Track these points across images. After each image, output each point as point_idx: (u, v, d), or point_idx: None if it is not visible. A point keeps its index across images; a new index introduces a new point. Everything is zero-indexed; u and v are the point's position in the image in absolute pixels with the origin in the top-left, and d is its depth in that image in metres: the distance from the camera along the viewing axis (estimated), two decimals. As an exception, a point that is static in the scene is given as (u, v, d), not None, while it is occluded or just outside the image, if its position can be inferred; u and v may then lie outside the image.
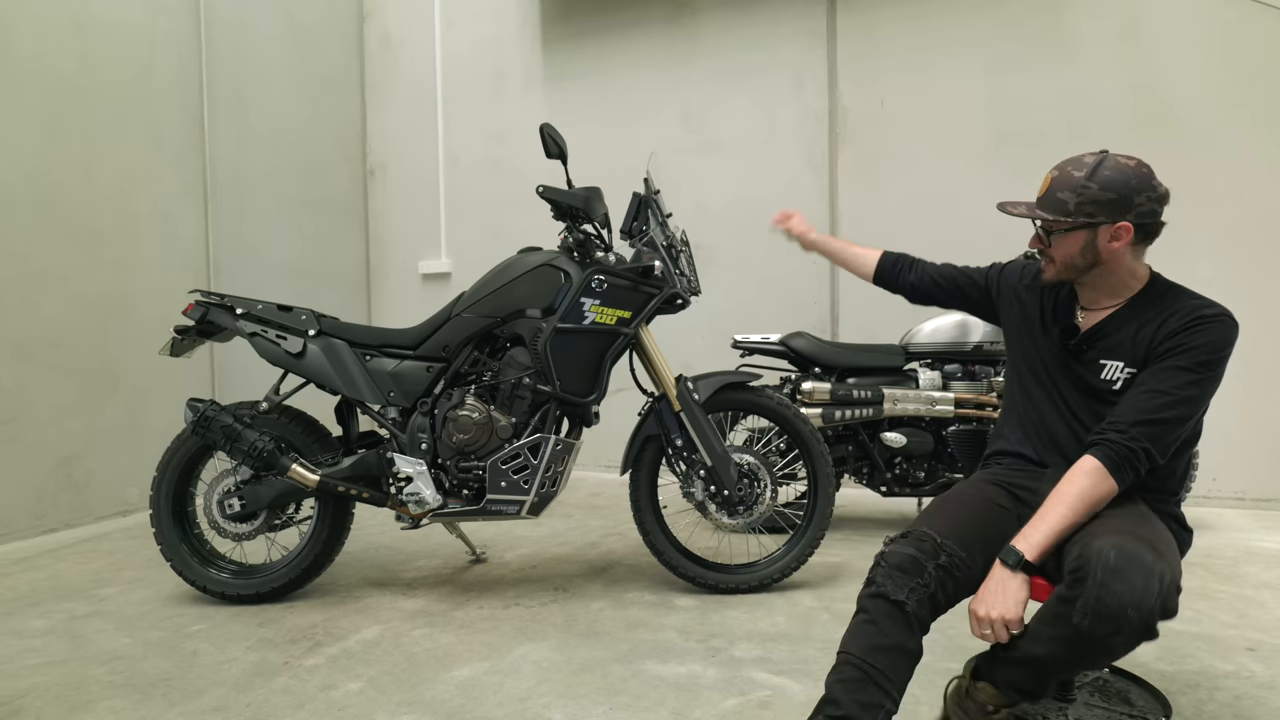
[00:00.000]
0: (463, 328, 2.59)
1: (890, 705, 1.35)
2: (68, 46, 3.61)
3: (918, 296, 1.95)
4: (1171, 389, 1.45)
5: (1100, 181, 1.50)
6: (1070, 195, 1.52)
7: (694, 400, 2.57)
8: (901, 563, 1.42)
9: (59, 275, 3.57)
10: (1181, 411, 1.44)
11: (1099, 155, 1.54)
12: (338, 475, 2.55)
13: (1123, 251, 1.53)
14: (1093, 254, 1.54)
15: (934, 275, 1.91)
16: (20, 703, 1.92)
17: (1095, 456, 1.44)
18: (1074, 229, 1.53)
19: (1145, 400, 1.46)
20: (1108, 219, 1.50)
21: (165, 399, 3.99)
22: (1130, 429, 1.44)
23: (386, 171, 5.39)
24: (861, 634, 1.39)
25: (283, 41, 4.75)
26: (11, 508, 3.38)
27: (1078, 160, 1.54)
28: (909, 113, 4.10)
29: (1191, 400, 1.45)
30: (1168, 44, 3.66)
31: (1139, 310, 1.56)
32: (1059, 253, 1.57)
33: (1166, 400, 1.44)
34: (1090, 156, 1.54)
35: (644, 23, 4.62)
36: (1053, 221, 1.55)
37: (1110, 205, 1.50)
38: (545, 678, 2.01)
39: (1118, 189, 1.49)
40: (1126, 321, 1.56)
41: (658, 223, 2.60)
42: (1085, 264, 1.56)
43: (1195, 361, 1.45)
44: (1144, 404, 1.45)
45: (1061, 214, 1.53)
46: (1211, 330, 1.46)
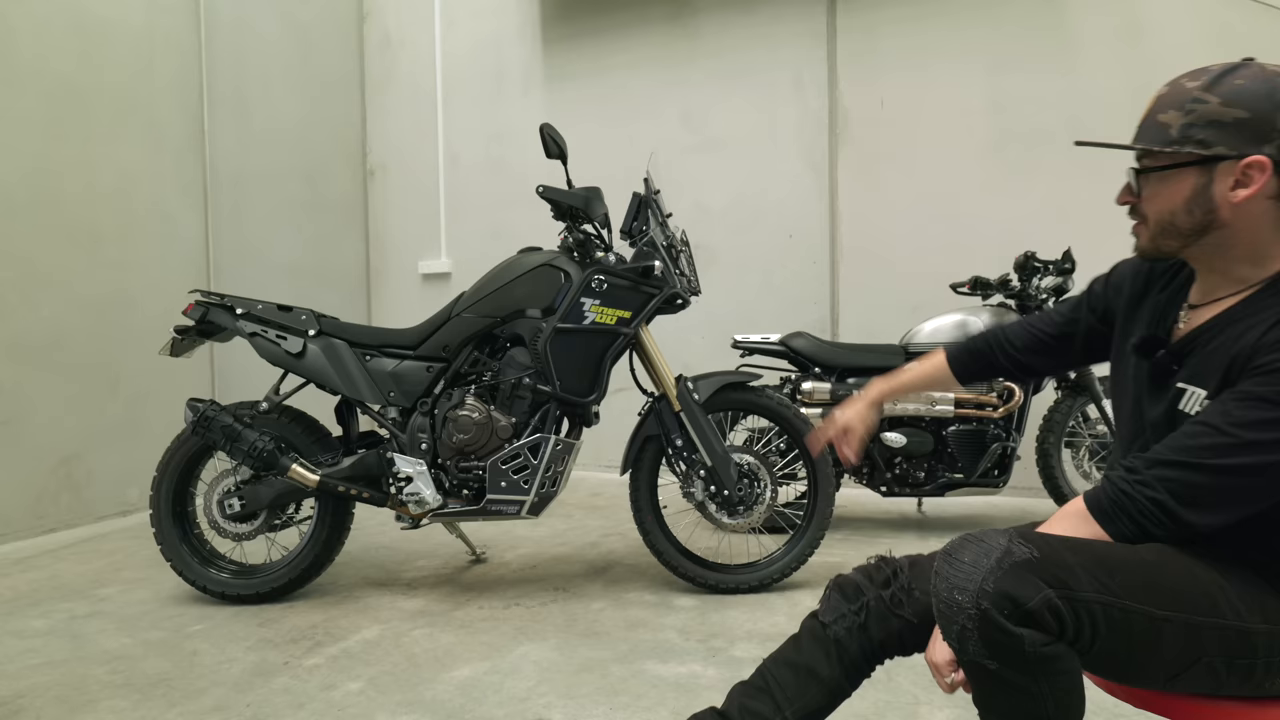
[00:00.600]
0: (463, 328, 2.59)
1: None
2: (68, 46, 3.61)
3: (1029, 373, 1.43)
4: (1230, 425, 0.97)
5: (1225, 93, 1.00)
6: (1176, 115, 1.02)
7: (694, 400, 2.57)
8: (844, 584, 1.25)
9: (59, 275, 3.57)
10: (1247, 459, 0.96)
11: (1236, 62, 1.03)
12: (338, 475, 2.55)
13: (1257, 209, 1.01)
14: (1205, 208, 1.03)
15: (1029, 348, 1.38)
16: (20, 703, 1.92)
17: (1085, 497, 1.07)
18: (1176, 166, 1.03)
19: (1188, 435, 1.00)
20: (1232, 151, 0.99)
21: (165, 399, 3.99)
22: (1147, 470, 1.02)
23: (386, 172, 5.39)
24: (783, 648, 1.26)
25: (283, 41, 4.76)
26: (11, 508, 3.38)
27: (1201, 70, 1.04)
28: (909, 113, 4.10)
29: (1266, 447, 0.96)
30: (1168, 44, 3.66)
31: (1258, 307, 1.03)
32: (1153, 206, 1.07)
33: (1218, 442, 0.97)
34: (1221, 65, 1.03)
35: (644, 23, 4.62)
36: (1145, 155, 1.07)
37: (1237, 129, 0.99)
38: (545, 678, 2.01)
39: (1253, 104, 0.98)
40: (1232, 324, 1.05)
41: (658, 223, 2.60)
42: (1192, 225, 1.04)
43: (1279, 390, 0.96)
44: (1182, 440, 1.01)
45: (1159, 142, 1.03)
46: None
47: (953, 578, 0.97)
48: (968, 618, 0.95)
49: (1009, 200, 3.90)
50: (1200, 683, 1.02)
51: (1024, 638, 0.93)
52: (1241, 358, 1.01)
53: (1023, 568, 0.95)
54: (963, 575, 0.96)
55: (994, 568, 0.95)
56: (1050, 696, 0.96)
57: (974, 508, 3.70)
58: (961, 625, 0.96)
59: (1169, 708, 1.07)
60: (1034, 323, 1.37)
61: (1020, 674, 0.95)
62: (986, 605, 0.94)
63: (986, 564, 0.95)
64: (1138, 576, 0.99)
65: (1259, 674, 1.02)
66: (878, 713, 1.79)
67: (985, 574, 0.95)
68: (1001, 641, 0.94)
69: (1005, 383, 3.16)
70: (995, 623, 0.93)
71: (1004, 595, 0.93)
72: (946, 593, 0.97)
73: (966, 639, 0.96)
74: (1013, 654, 0.94)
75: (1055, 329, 1.34)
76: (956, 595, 0.96)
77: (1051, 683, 0.95)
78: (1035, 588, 0.94)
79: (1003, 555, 0.96)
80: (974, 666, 0.98)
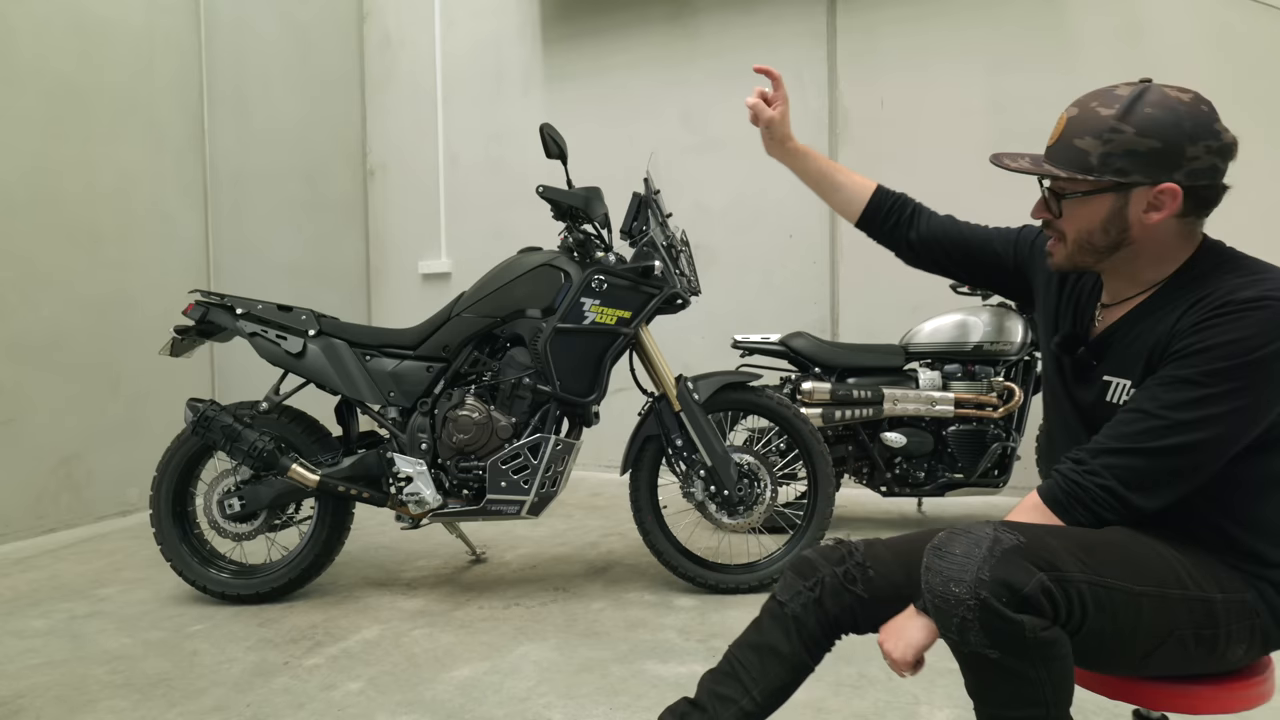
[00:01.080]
0: (463, 328, 2.59)
1: (746, 703, 1.22)
2: (68, 46, 3.61)
3: (918, 259, 1.46)
4: (1160, 409, 1.04)
5: (1139, 123, 1.05)
6: (1094, 143, 1.08)
7: (694, 400, 2.57)
8: (799, 564, 1.27)
9: (59, 275, 3.57)
10: (1180, 441, 1.02)
11: (1139, 86, 1.08)
12: (338, 475, 2.55)
13: (1163, 226, 1.09)
14: (1120, 228, 1.10)
15: (944, 237, 1.41)
16: (20, 703, 1.92)
17: (1039, 492, 1.11)
18: (1096, 192, 1.09)
19: (1125, 423, 1.07)
20: (1147, 179, 1.06)
21: (165, 399, 3.99)
22: (1093, 459, 1.07)
23: (386, 171, 5.39)
24: (745, 632, 1.28)
25: (283, 41, 4.75)
26: (11, 508, 3.38)
27: (1107, 93, 1.09)
28: (909, 113, 4.10)
29: (1197, 426, 1.02)
30: (1168, 44, 3.66)
31: (1165, 301, 1.11)
32: (1072, 225, 1.13)
33: (1153, 426, 1.04)
34: (1126, 88, 1.08)
35: (644, 23, 4.62)
36: (1066, 181, 1.11)
37: (1151, 158, 1.05)
38: (545, 678, 2.01)
39: (1164, 134, 1.04)
40: (1143, 319, 1.13)
41: (658, 223, 2.60)
42: (1108, 243, 1.12)
43: (1208, 370, 1.01)
44: (1120, 428, 1.07)
45: (1079, 169, 1.09)
46: (1243, 322, 1.01)
47: (946, 571, 0.98)
48: (967, 609, 0.96)
49: (1009, 200, 3.90)
50: (1171, 659, 1.06)
51: (1024, 623, 0.95)
52: (1159, 346, 1.08)
53: (1014, 554, 0.97)
54: (956, 567, 0.97)
55: (986, 556, 0.96)
56: (1049, 682, 0.98)
57: (974, 508, 3.70)
58: (961, 617, 0.96)
59: (1138, 694, 1.11)
60: (968, 227, 1.41)
61: (1021, 660, 0.96)
62: (985, 594, 0.95)
63: (979, 554, 0.97)
64: (1113, 555, 1.03)
65: (1221, 644, 1.06)
66: (878, 713, 1.79)
67: (979, 563, 0.96)
68: (1002, 629, 0.95)
69: (1005, 382, 3.16)
70: (995, 610, 0.95)
71: (1000, 582, 0.95)
72: (942, 586, 0.98)
73: (967, 630, 0.96)
74: (1014, 641, 0.95)
75: (976, 240, 1.38)
76: (953, 588, 0.97)
77: (1049, 668, 0.97)
78: (1029, 572, 0.96)
79: (993, 544, 0.98)
80: (974, 658, 0.99)
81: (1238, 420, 1.02)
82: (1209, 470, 1.05)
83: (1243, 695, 1.09)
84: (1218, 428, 1.02)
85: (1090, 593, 0.99)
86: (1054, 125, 1.13)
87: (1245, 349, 1.00)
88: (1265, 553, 1.09)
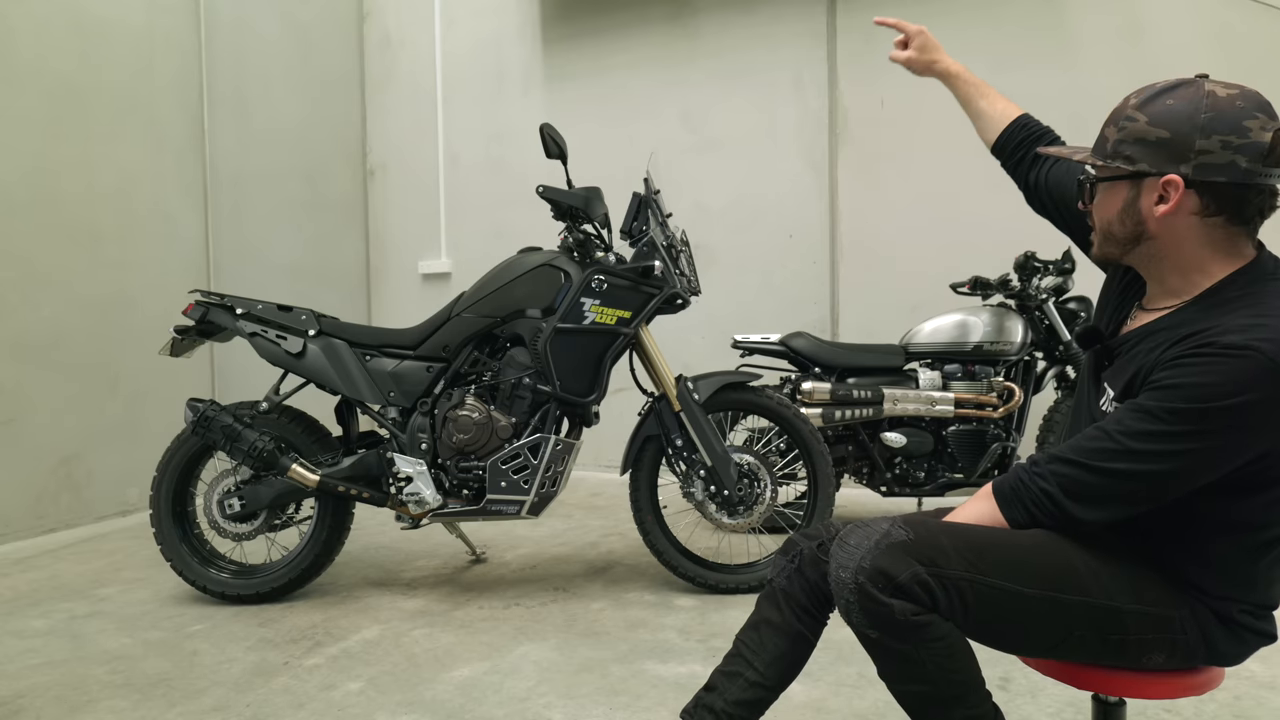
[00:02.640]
0: (463, 328, 2.59)
1: (751, 674, 1.30)
2: (68, 46, 3.61)
3: (1034, 202, 1.44)
4: (1118, 433, 1.05)
5: (1153, 112, 1.05)
6: (1113, 130, 1.10)
7: (694, 400, 2.57)
8: (786, 546, 1.38)
9: (59, 275, 3.57)
10: (1127, 466, 1.04)
11: (1184, 79, 1.08)
12: (338, 475, 2.55)
13: (1182, 224, 1.07)
14: (1135, 219, 1.09)
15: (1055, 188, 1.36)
16: (20, 703, 1.92)
17: (994, 480, 1.19)
18: (1114, 179, 1.10)
19: (1085, 437, 1.10)
20: (1152, 169, 1.05)
21: (165, 399, 3.99)
22: (1046, 464, 1.11)
23: (386, 171, 5.39)
24: (747, 621, 1.38)
25: (283, 41, 4.75)
26: (11, 508, 3.38)
27: (1150, 85, 1.10)
28: (909, 113, 4.10)
29: (1148, 458, 1.03)
30: (1168, 44, 3.66)
31: (1181, 321, 1.09)
32: (1099, 213, 1.15)
33: (1106, 446, 1.06)
34: (1173, 81, 1.09)
35: (644, 23, 4.62)
36: (1092, 167, 1.15)
37: (1158, 148, 1.04)
38: (545, 678, 2.01)
39: (1174, 125, 1.03)
40: (1154, 334, 1.12)
41: (658, 223, 2.60)
42: (1126, 234, 1.12)
43: (1167, 407, 1.02)
44: (1080, 440, 1.10)
45: (1099, 154, 1.11)
46: (1216, 368, 0.99)
47: (839, 557, 1.11)
48: (849, 591, 1.08)
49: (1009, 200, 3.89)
50: (1080, 652, 1.14)
51: (893, 607, 1.06)
52: (1144, 371, 1.10)
53: (898, 548, 1.08)
54: (847, 555, 1.10)
55: (872, 548, 1.08)
56: (929, 661, 1.09)
57: (974, 508, 3.69)
58: (846, 599, 1.09)
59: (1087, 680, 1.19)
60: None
61: (896, 640, 1.08)
62: (863, 580, 1.07)
63: (867, 545, 1.09)
64: (1007, 557, 1.11)
65: (1131, 649, 1.12)
66: (878, 713, 1.79)
67: (864, 553, 1.08)
68: (875, 610, 1.07)
69: (1005, 382, 3.16)
70: (869, 594, 1.07)
71: (878, 570, 1.07)
72: (835, 571, 1.11)
73: (850, 610, 1.10)
74: (885, 621, 1.07)
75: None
76: (841, 573, 1.10)
77: (927, 649, 1.08)
78: (906, 565, 1.07)
79: (881, 537, 1.10)
80: (861, 637, 1.12)
81: (1192, 461, 1.02)
82: (1153, 501, 1.07)
83: (1185, 684, 1.16)
84: (1168, 464, 1.03)
85: (971, 589, 1.08)
86: None
87: (1210, 395, 0.99)
88: (1208, 586, 1.12)
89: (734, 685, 1.30)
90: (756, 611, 1.36)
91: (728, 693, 1.30)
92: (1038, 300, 3.30)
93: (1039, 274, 3.34)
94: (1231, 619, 1.11)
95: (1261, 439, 1.01)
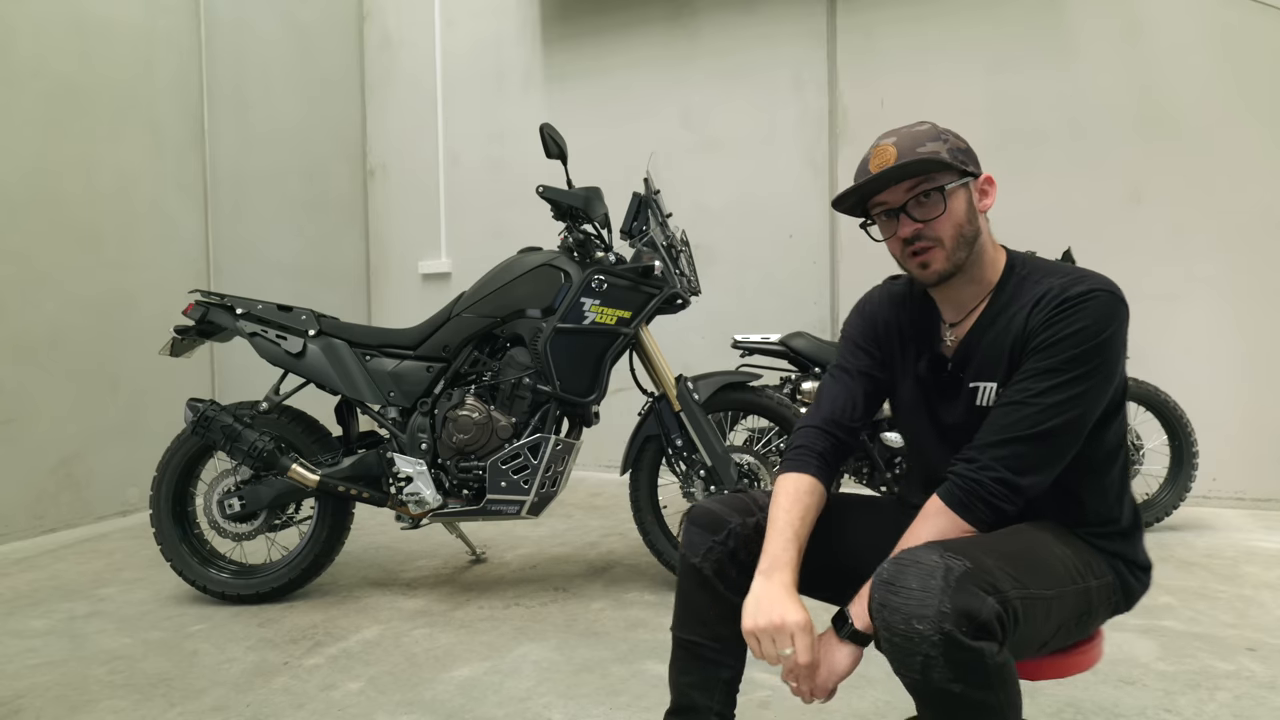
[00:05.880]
0: (463, 328, 2.59)
1: (726, 673, 1.24)
2: (68, 46, 3.61)
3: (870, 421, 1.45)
4: (1033, 399, 1.13)
5: (945, 133, 1.21)
6: (936, 146, 1.18)
7: (694, 400, 2.57)
8: (700, 518, 1.25)
9: (59, 275, 3.57)
10: (1054, 423, 1.12)
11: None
12: (338, 475, 2.55)
13: (984, 221, 1.24)
14: (973, 219, 1.21)
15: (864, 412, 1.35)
16: (20, 703, 1.92)
17: (939, 495, 1.16)
18: (958, 184, 1.19)
19: (1001, 416, 1.15)
20: (977, 170, 1.22)
21: (165, 399, 3.99)
22: (981, 455, 1.14)
23: (386, 171, 5.39)
24: (678, 605, 1.27)
25: (283, 41, 4.75)
26: (11, 508, 3.38)
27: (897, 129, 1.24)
28: (909, 113, 4.10)
29: (1064, 406, 1.12)
30: (1168, 44, 3.66)
31: (1006, 304, 1.22)
32: (948, 224, 1.19)
33: (1028, 414, 1.13)
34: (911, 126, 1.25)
35: (644, 23, 4.62)
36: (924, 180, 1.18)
37: (969, 155, 1.21)
38: (545, 678, 2.01)
39: (960, 137, 1.23)
40: (992, 324, 1.22)
41: (658, 223, 2.60)
42: (973, 234, 1.21)
43: (1064, 359, 1.12)
44: (1000, 420, 1.15)
45: (939, 166, 1.17)
46: (1081, 313, 1.13)
47: (907, 608, 0.95)
48: (931, 645, 0.93)
49: (1009, 200, 3.90)
50: (1058, 644, 1.14)
51: (983, 651, 0.94)
52: (1018, 344, 1.18)
53: (966, 581, 0.96)
54: (916, 602, 0.94)
55: (944, 587, 0.95)
56: (1008, 705, 0.97)
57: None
58: (925, 655, 0.93)
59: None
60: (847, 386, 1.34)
61: (982, 690, 0.94)
62: (949, 627, 0.93)
63: (936, 585, 0.95)
64: (1027, 561, 1.08)
65: (1088, 623, 1.16)
66: (878, 713, 1.79)
67: (938, 596, 0.94)
68: (966, 661, 0.93)
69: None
70: (957, 643, 0.93)
71: (961, 613, 0.93)
72: (904, 625, 0.94)
73: (931, 667, 0.93)
74: (977, 670, 0.94)
75: (865, 380, 1.35)
76: (916, 625, 0.93)
77: (1007, 691, 0.97)
78: (981, 599, 0.95)
79: (945, 572, 0.96)
80: (936, 695, 0.95)
81: (1093, 397, 1.14)
82: (1076, 445, 1.15)
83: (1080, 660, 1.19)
84: (1080, 406, 1.13)
85: (1022, 606, 1.02)
86: (876, 158, 1.20)
87: (1091, 335, 1.13)
88: (1114, 513, 1.21)
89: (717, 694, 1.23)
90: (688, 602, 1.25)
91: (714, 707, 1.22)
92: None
93: (1039, 274, 3.34)
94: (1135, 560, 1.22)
95: (1121, 364, 1.16)
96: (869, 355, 1.36)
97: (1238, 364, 3.59)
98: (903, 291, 1.37)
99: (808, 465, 1.27)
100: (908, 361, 1.33)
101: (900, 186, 1.19)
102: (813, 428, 1.32)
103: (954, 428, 1.26)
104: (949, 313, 1.28)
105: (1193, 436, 3.20)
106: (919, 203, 1.19)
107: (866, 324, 1.37)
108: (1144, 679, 1.92)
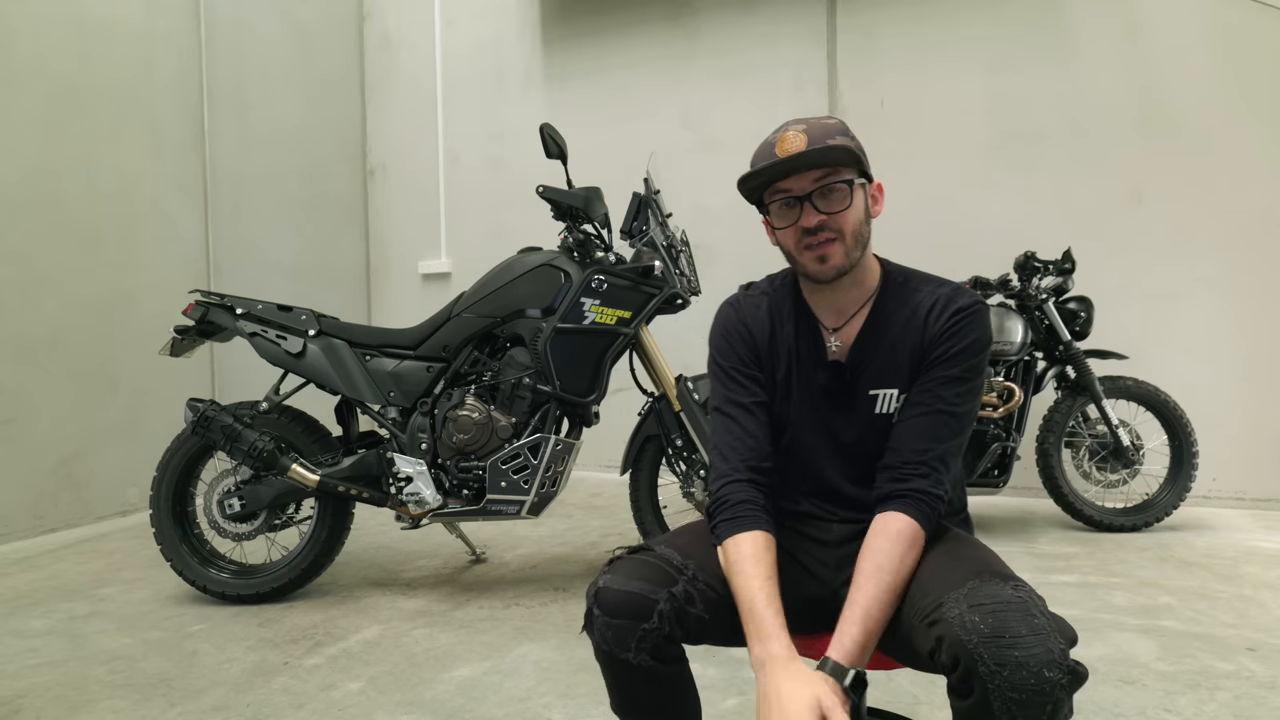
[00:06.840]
0: (463, 328, 2.59)
1: None
2: (68, 46, 3.61)
3: None
4: (947, 406, 1.18)
5: (849, 132, 1.20)
6: (846, 140, 1.17)
7: (694, 400, 2.57)
8: (617, 606, 1.07)
9: (59, 275, 3.57)
10: (969, 429, 1.21)
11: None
12: (338, 475, 2.55)
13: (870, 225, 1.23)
14: (867, 220, 1.22)
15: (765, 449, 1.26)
16: (20, 703, 1.92)
17: (907, 514, 1.12)
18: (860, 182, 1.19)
19: (926, 429, 1.17)
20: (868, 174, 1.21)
21: (165, 399, 3.99)
22: (932, 472, 1.16)
23: (386, 171, 5.39)
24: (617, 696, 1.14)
25: (283, 41, 4.75)
26: (11, 508, 3.38)
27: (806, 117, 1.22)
28: (909, 113, 4.10)
29: (973, 412, 1.20)
30: (1168, 44, 3.66)
31: (885, 313, 1.23)
32: (849, 219, 1.17)
33: (948, 423, 1.18)
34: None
35: (644, 23, 4.61)
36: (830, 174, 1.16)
37: (863, 156, 1.19)
38: (545, 678, 2.01)
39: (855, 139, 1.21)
40: (880, 332, 1.23)
41: (658, 223, 2.60)
42: (867, 236, 1.21)
43: (966, 367, 1.19)
44: (935, 432, 1.17)
45: (851, 161, 1.15)
46: (974, 324, 1.20)
47: (1033, 660, 0.89)
48: (1061, 689, 0.90)
49: (1009, 200, 3.90)
50: None
51: (1081, 674, 0.94)
52: (917, 352, 1.21)
53: (1044, 603, 0.97)
54: (1041, 648, 0.90)
55: (1049, 624, 0.93)
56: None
57: (974, 508, 3.69)
58: (1055, 700, 0.90)
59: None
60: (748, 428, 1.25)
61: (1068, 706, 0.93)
62: (1070, 663, 0.92)
63: (1041, 623, 0.92)
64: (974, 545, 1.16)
65: None
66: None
67: (1051, 635, 0.91)
68: (1074, 686, 0.93)
69: (1005, 382, 3.16)
70: (1076, 673, 0.93)
71: (1069, 640, 0.95)
72: (1035, 679, 0.89)
73: (1059, 709, 0.90)
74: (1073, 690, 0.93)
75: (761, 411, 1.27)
76: (1048, 674, 0.89)
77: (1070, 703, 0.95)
78: (1060, 617, 0.98)
79: (1031, 604, 0.95)
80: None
81: (979, 397, 1.23)
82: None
83: None
84: (976, 409, 1.21)
85: None
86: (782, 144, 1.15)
87: (983, 344, 1.20)
88: (961, 501, 1.31)
89: None
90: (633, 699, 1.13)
91: None
92: (1038, 300, 3.30)
93: (1039, 274, 3.34)
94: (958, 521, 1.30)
95: None
96: (754, 381, 1.27)
97: (1238, 364, 3.59)
98: (773, 300, 1.30)
99: (757, 521, 1.17)
100: (801, 373, 1.26)
101: (808, 175, 1.15)
102: (739, 481, 1.21)
103: (849, 433, 1.24)
104: (828, 317, 1.25)
105: (1193, 436, 3.20)
106: (824, 194, 1.16)
107: (743, 347, 1.29)
108: (1144, 679, 1.92)
